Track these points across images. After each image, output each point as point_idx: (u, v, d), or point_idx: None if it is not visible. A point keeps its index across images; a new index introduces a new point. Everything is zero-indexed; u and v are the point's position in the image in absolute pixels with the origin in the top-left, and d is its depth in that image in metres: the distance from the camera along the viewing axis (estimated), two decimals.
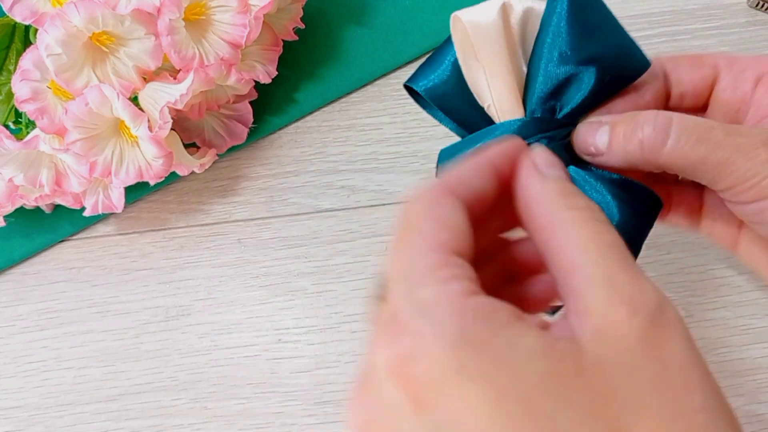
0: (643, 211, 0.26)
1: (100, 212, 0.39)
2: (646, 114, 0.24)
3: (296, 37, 0.43)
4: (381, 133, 0.43)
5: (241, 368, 0.39)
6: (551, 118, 0.26)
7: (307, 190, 0.42)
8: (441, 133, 0.43)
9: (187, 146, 0.40)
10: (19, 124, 0.39)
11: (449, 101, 0.28)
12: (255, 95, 0.43)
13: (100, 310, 0.40)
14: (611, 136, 0.25)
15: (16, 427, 0.38)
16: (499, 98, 0.26)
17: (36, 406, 0.39)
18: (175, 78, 0.37)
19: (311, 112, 0.44)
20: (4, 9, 0.35)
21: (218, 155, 0.42)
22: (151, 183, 0.38)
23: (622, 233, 0.20)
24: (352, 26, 0.45)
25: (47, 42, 0.33)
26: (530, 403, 0.16)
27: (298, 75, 0.44)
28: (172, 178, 0.41)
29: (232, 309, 0.40)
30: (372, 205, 0.42)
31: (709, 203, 0.29)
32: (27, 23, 0.35)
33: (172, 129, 0.36)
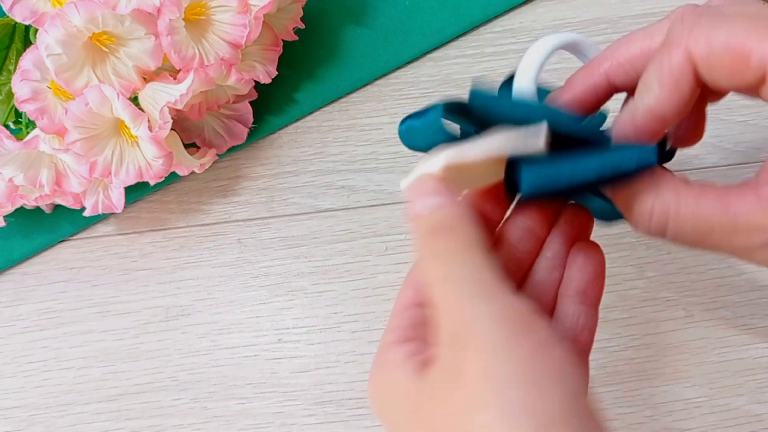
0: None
1: (100, 212, 0.39)
2: (643, 203, 0.24)
3: (296, 37, 0.43)
4: (381, 133, 0.43)
5: (241, 368, 0.39)
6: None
7: (307, 190, 0.42)
8: None
9: (187, 146, 0.40)
10: (19, 124, 0.39)
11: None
12: (255, 95, 0.43)
13: (100, 310, 0.40)
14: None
15: (17, 427, 0.38)
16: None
17: (36, 406, 0.39)
18: (175, 78, 0.37)
19: (311, 112, 0.44)
20: (4, 9, 0.35)
21: (218, 155, 0.42)
22: (151, 183, 0.38)
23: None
24: (352, 26, 0.45)
25: (47, 42, 0.33)
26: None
27: (298, 75, 0.44)
28: (172, 178, 0.41)
29: (232, 309, 0.40)
30: (372, 205, 0.42)
31: None
32: (27, 23, 0.35)
33: (172, 129, 0.36)
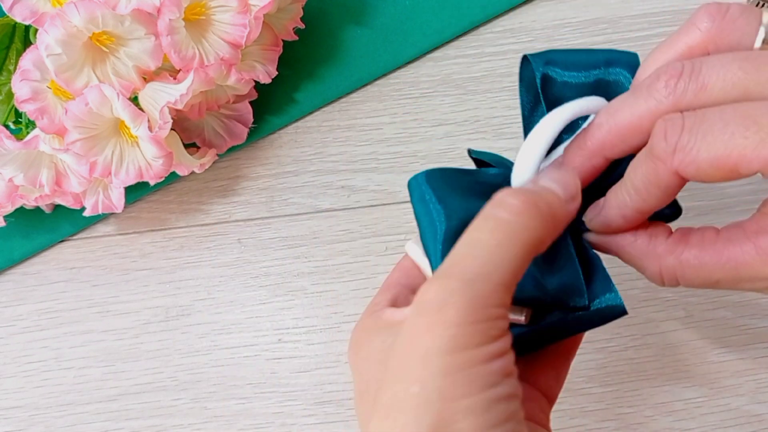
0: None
1: (100, 212, 0.39)
2: (651, 270, 0.25)
3: (296, 37, 0.43)
4: (381, 133, 0.43)
5: (241, 368, 0.39)
6: None
7: (307, 190, 0.42)
8: (441, 133, 0.43)
9: (187, 146, 0.40)
10: (19, 124, 0.39)
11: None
12: (255, 95, 0.43)
13: (100, 310, 0.40)
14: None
15: (17, 427, 0.38)
16: None
17: (36, 406, 0.39)
18: (175, 78, 0.37)
19: (311, 112, 0.44)
20: (4, 9, 0.35)
21: (218, 155, 0.42)
22: (151, 183, 0.38)
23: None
24: (352, 26, 0.45)
25: (47, 42, 0.33)
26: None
27: (298, 75, 0.44)
28: (172, 178, 0.41)
29: (232, 309, 0.40)
30: (372, 205, 0.42)
31: None
32: (27, 23, 0.35)
33: (172, 129, 0.36)
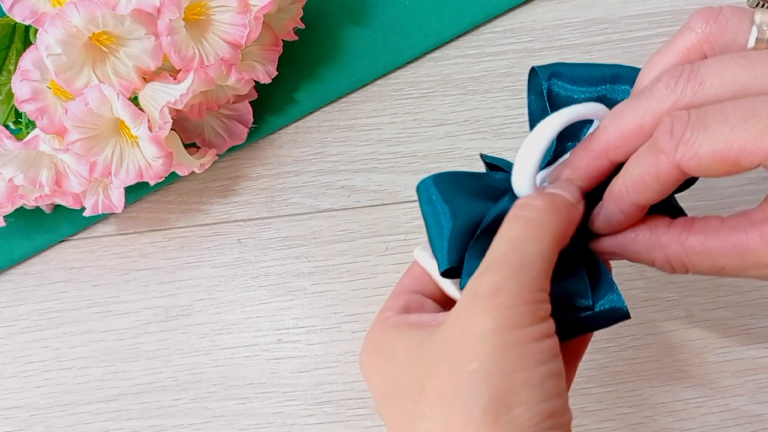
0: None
1: (100, 212, 0.39)
2: (659, 258, 0.25)
3: (296, 37, 0.43)
4: (381, 133, 0.43)
5: (241, 368, 0.39)
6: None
7: (307, 190, 0.42)
8: (441, 133, 0.43)
9: (187, 146, 0.40)
10: (19, 124, 0.39)
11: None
12: (255, 95, 0.43)
13: (100, 310, 0.40)
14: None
15: (17, 427, 0.38)
16: None
17: (36, 406, 0.39)
18: (175, 78, 0.37)
19: (311, 112, 0.44)
20: (4, 9, 0.35)
21: (218, 155, 0.42)
22: (151, 183, 0.38)
23: None
24: (352, 26, 0.45)
25: (47, 42, 0.33)
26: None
27: (298, 75, 0.44)
28: (172, 178, 0.41)
29: (232, 309, 0.40)
30: (372, 205, 0.42)
31: None
32: (27, 23, 0.35)
33: (172, 129, 0.36)
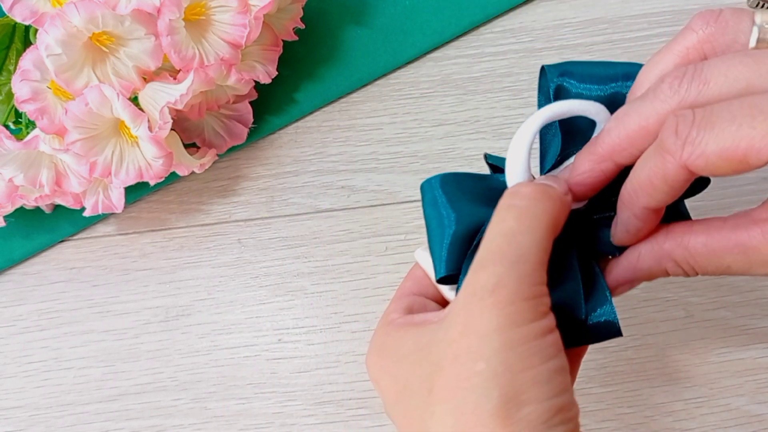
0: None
1: (100, 212, 0.39)
2: (667, 263, 0.25)
3: (296, 37, 0.43)
4: (381, 133, 0.43)
5: (241, 368, 0.39)
6: None
7: (307, 190, 0.42)
8: (441, 133, 0.43)
9: (187, 146, 0.40)
10: (19, 124, 0.39)
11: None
12: (255, 95, 0.43)
13: (101, 310, 0.40)
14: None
15: (17, 427, 0.38)
16: None
17: (36, 406, 0.39)
18: (175, 78, 0.37)
19: (311, 112, 0.44)
20: (4, 9, 0.35)
21: (218, 155, 0.42)
22: (151, 183, 0.38)
23: None
24: (352, 26, 0.45)
25: (47, 42, 0.33)
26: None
27: (298, 75, 0.44)
28: (172, 178, 0.41)
29: (232, 309, 0.40)
30: (372, 205, 0.42)
31: None
32: (27, 23, 0.35)
33: (172, 129, 0.36)
